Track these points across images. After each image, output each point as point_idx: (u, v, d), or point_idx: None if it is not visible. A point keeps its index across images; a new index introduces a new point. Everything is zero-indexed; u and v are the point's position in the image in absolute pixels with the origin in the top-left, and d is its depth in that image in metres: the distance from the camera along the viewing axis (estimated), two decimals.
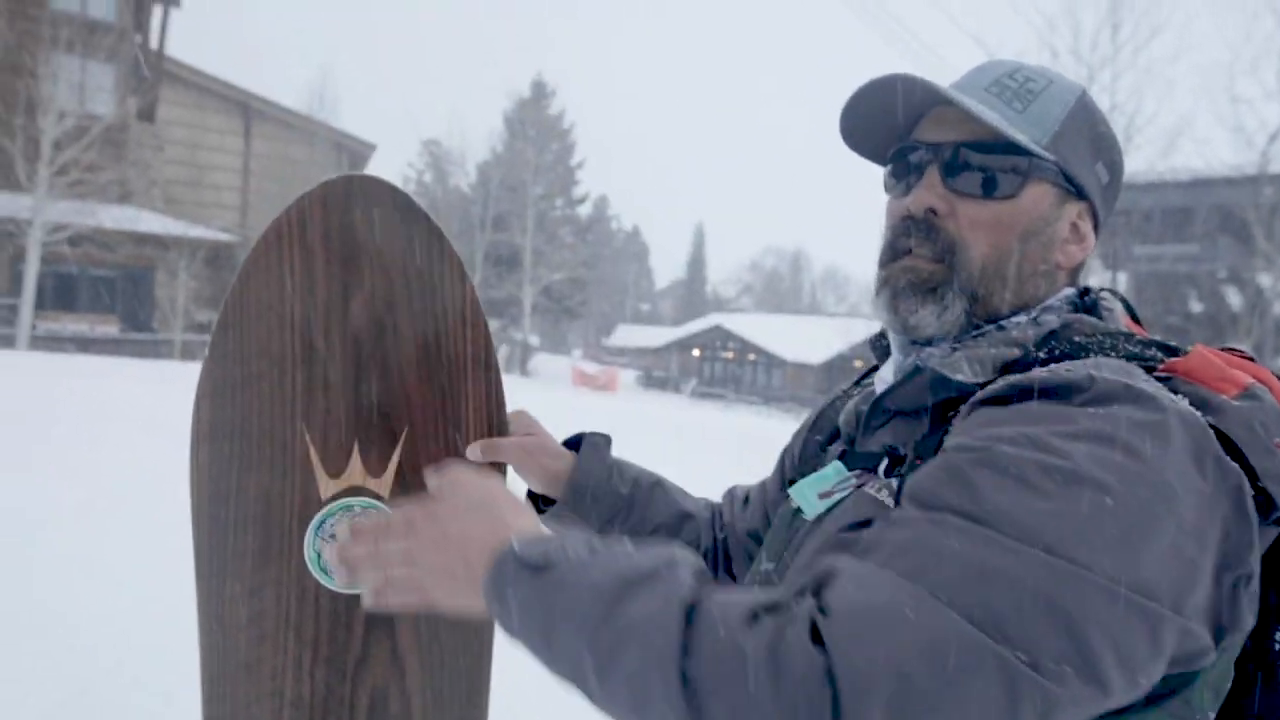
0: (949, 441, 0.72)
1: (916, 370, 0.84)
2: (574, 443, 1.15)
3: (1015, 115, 0.85)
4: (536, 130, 35.12)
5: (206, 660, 1.05)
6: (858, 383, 1.05)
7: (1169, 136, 22.06)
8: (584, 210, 40.54)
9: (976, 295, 0.85)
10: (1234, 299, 21.75)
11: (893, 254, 0.88)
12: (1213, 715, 0.72)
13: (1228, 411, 0.71)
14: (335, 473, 1.04)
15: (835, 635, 0.57)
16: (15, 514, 4.90)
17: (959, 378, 0.79)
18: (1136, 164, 21.34)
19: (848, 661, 0.55)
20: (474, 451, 1.06)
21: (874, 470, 0.86)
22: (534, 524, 0.75)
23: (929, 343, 0.88)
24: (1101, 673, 0.58)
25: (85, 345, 17.84)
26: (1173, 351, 0.79)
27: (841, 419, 0.96)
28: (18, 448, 6.38)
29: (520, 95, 37.30)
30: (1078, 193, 0.88)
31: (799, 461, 1.05)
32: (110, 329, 18.87)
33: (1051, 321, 0.85)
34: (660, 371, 40.81)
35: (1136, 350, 0.78)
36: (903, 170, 0.90)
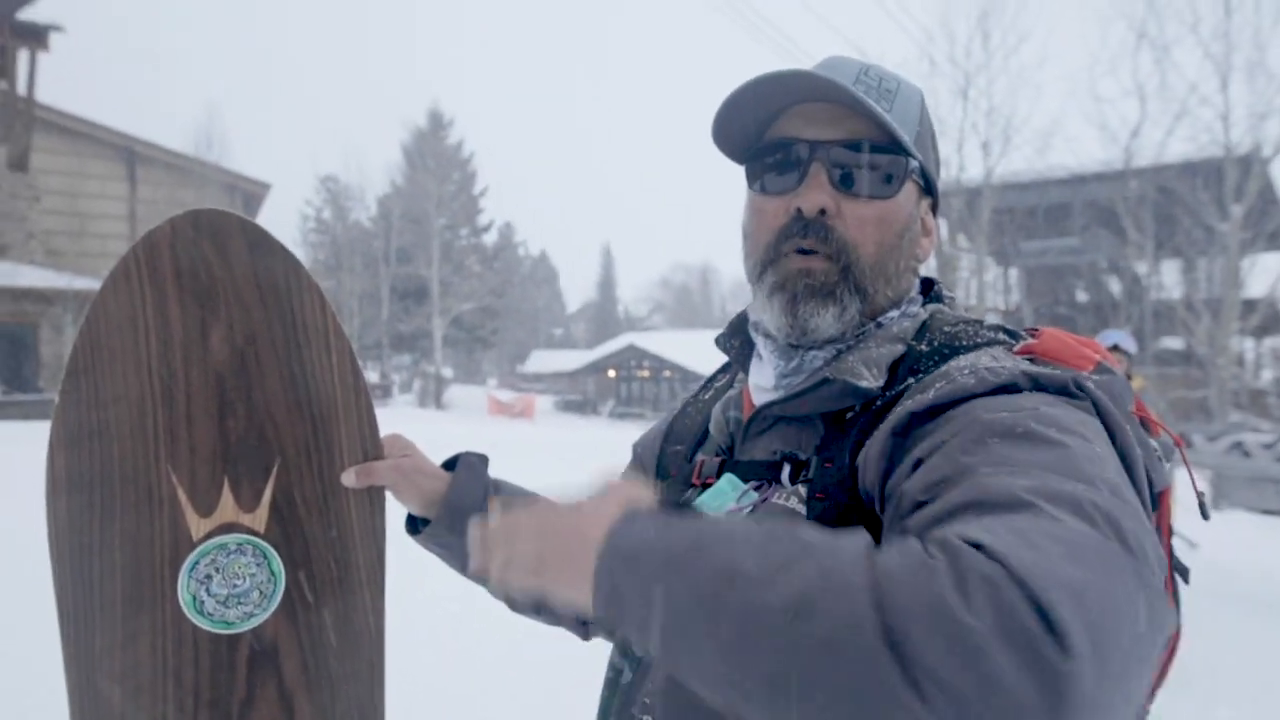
0: (918, 473, 0.68)
1: (825, 381, 0.82)
2: (451, 464, 1.14)
3: (887, 114, 0.85)
4: (436, 161, 34.74)
5: (78, 718, 1.01)
6: (706, 386, 1.06)
7: (1043, 137, 23.24)
8: (489, 238, 40.26)
9: (866, 294, 0.85)
10: (1115, 287, 22.98)
11: (775, 253, 0.87)
12: None
13: (1096, 385, 0.75)
14: (206, 511, 1.02)
15: (1000, 546, 0.51)
16: None
17: (864, 384, 0.80)
18: (1016, 163, 22.43)
19: (1019, 562, 0.50)
20: (349, 477, 1.05)
21: (774, 480, 0.83)
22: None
23: (813, 345, 0.87)
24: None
25: None
26: (1014, 334, 0.84)
27: (713, 426, 0.95)
28: None
29: (417, 126, 36.93)
30: (927, 188, 0.92)
31: (659, 475, 1.01)
32: None
33: (919, 314, 0.88)
34: (577, 395, 40.66)
35: (991, 335, 0.83)
36: (781, 166, 0.87)
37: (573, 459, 10.34)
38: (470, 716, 3.41)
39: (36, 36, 19.58)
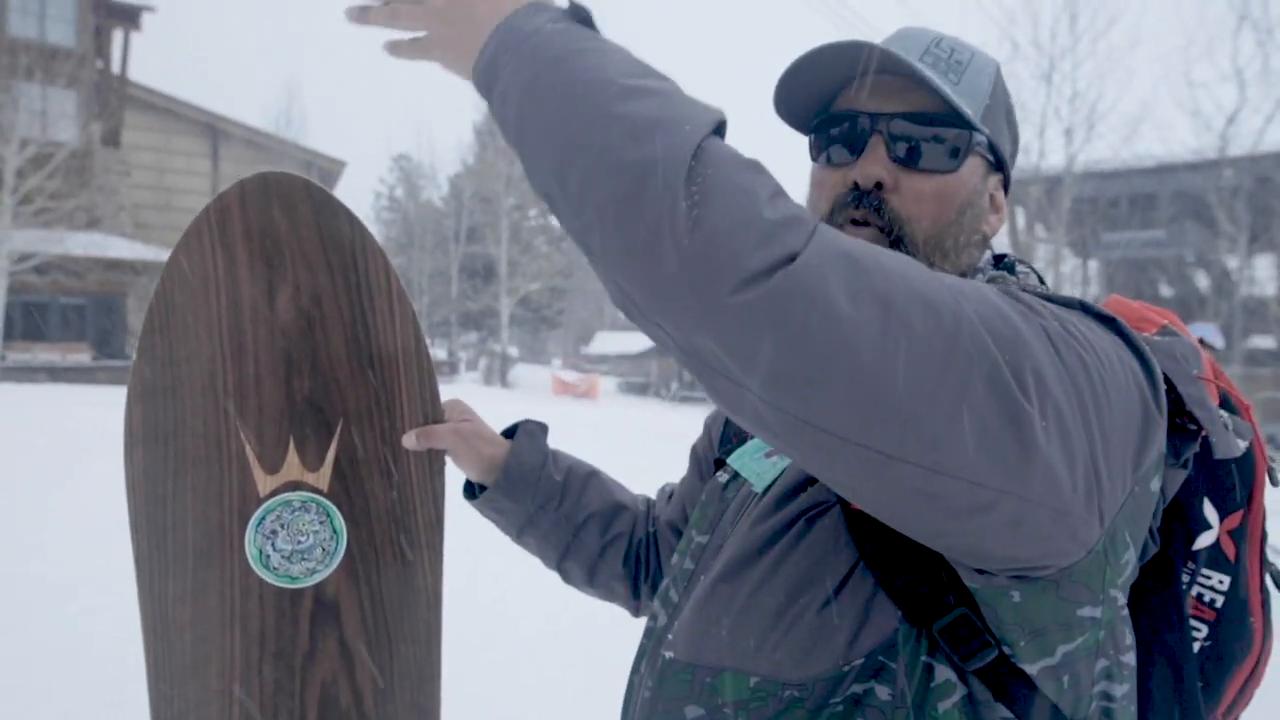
0: None
1: None
2: (511, 432, 1.16)
3: (952, 87, 0.84)
4: (496, 148, 35.05)
5: (152, 663, 1.06)
6: None
7: (1131, 124, 22.47)
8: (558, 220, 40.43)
9: None
10: (1202, 281, 22.05)
11: (832, 225, 0.85)
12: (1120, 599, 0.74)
13: (1152, 343, 0.73)
14: (272, 469, 1.05)
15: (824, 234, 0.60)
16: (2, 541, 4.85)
17: None
18: (1100, 151, 21.61)
19: (833, 235, 0.60)
20: (410, 439, 1.07)
21: None
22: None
23: None
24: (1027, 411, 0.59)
25: (57, 374, 17.60)
26: (1086, 306, 0.80)
27: None
28: None
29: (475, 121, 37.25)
30: (997, 164, 0.89)
31: (721, 444, 1.04)
32: (82, 357, 18.63)
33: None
34: (640, 377, 40.80)
35: (1060, 303, 0.79)
36: (841, 138, 0.87)
37: (635, 440, 10.40)
38: (510, 686, 3.47)
39: (129, 17, 20.34)
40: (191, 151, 23.66)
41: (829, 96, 0.89)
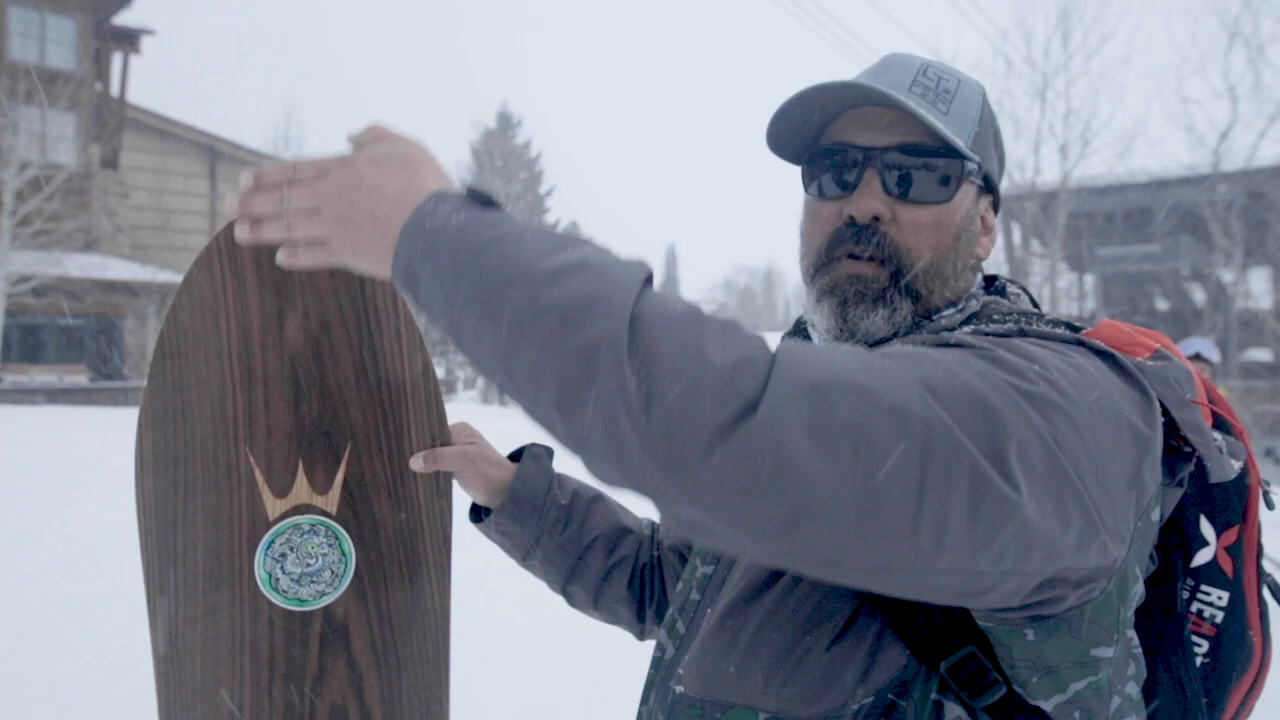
0: None
1: None
2: (517, 455, 1.17)
3: (942, 117, 0.85)
4: (504, 160, 35.22)
5: (162, 687, 1.06)
6: None
7: (1125, 139, 22.42)
8: None
9: (919, 295, 0.86)
10: (1198, 295, 22.11)
11: (828, 256, 0.88)
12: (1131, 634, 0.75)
13: (1145, 370, 0.74)
14: (281, 492, 1.06)
15: (786, 353, 0.59)
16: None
17: None
18: (1095, 167, 21.76)
19: (791, 364, 0.58)
20: (417, 462, 1.08)
21: None
22: (455, 186, 0.72)
23: (877, 342, 0.87)
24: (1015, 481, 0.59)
25: (55, 396, 17.58)
26: (1075, 329, 0.81)
27: None
28: None
29: (486, 126, 37.44)
30: (986, 186, 0.91)
31: None
32: (80, 378, 18.61)
33: (972, 306, 0.88)
34: None
35: (1048, 328, 0.80)
36: (834, 172, 0.88)
37: None
38: (516, 706, 3.45)
39: (129, 40, 20.47)
40: (189, 173, 23.73)
41: (819, 128, 0.90)
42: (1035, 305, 0.95)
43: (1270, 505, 0.85)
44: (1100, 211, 21.08)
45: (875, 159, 0.85)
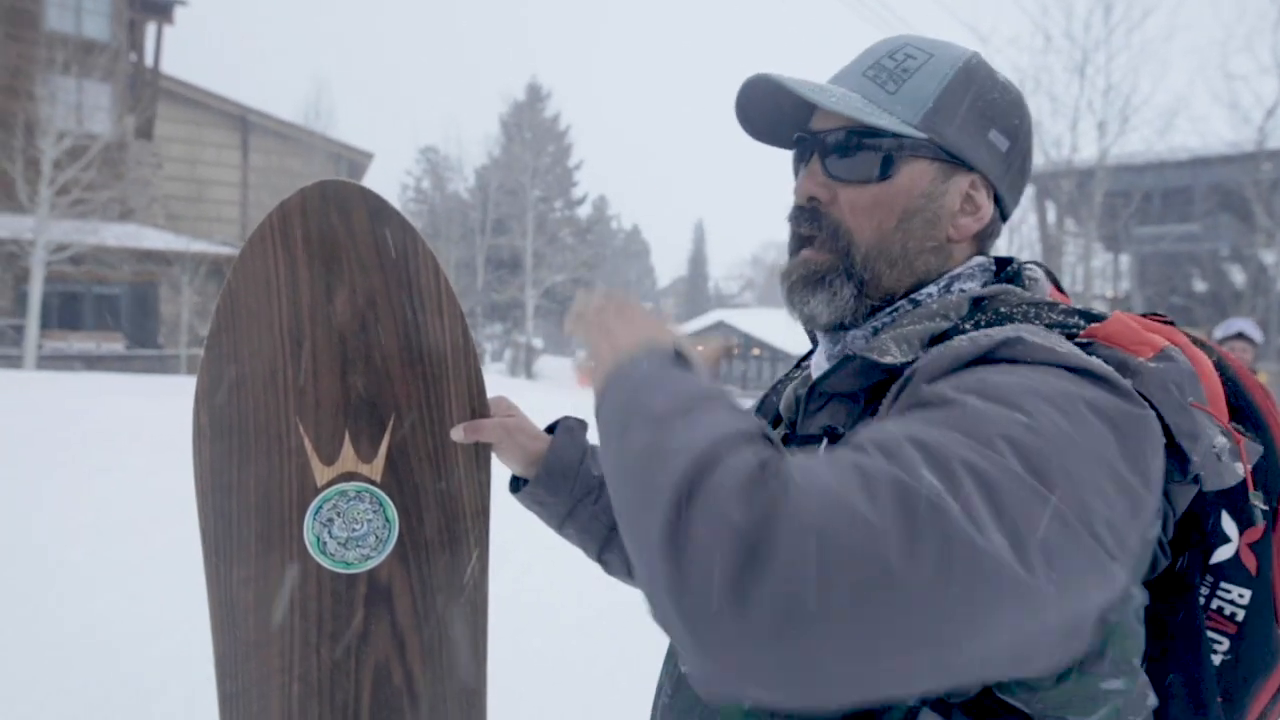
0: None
1: (846, 358, 0.83)
2: (553, 429, 1.21)
3: (887, 97, 0.86)
4: (533, 133, 35.15)
5: (218, 642, 1.12)
6: (798, 366, 1.07)
7: (1166, 116, 21.93)
8: (583, 211, 40.57)
9: (864, 279, 0.87)
10: (1237, 277, 21.69)
11: (796, 245, 0.91)
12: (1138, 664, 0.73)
13: (1143, 373, 0.73)
14: (329, 460, 1.11)
15: (794, 469, 0.58)
16: (32, 532, 4.98)
17: (887, 360, 0.79)
18: (1134, 144, 21.32)
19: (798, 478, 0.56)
20: (457, 433, 1.12)
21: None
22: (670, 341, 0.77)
23: (845, 327, 0.90)
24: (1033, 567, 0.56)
25: (92, 363, 17.96)
26: (1096, 319, 0.80)
27: (783, 404, 0.97)
28: (30, 467, 6.47)
29: (515, 99, 37.35)
30: (965, 165, 0.88)
31: None
32: (116, 346, 18.99)
33: (973, 290, 0.86)
34: None
35: (1060, 319, 0.79)
36: (796, 159, 0.93)
37: None
38: (549, 670, 3.53)
39: (162, 10, 20.62)
40: (222, 144, 23.98)
41: (804, 119, 0.92)
42: (1059, 287, 0.93)
43: None
44: (1138, 190, 20.68)
45: (816, 143, 0.89)
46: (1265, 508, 0.81)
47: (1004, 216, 0.93)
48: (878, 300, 0.88)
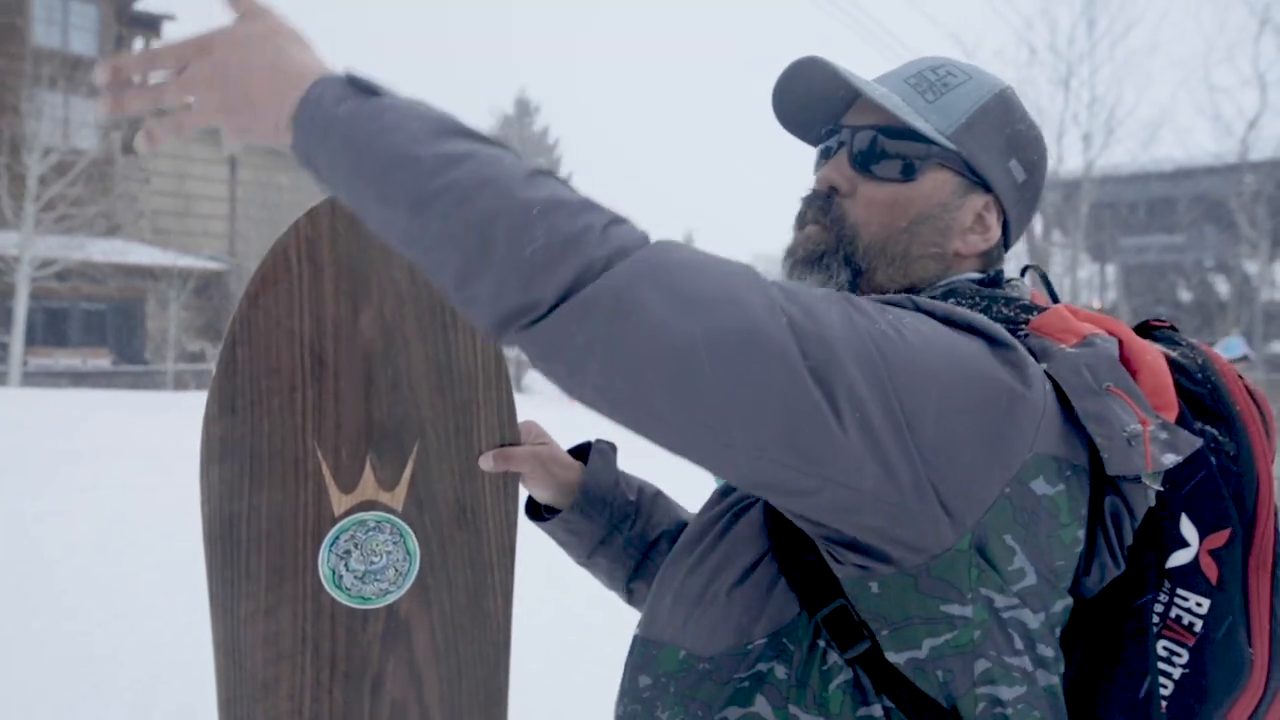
0: None
1: None
2: (576, 451, 1.15)
3: (925, 105, 0.87)
4: (522, 146, 35.18)
5: (223, 682, 1.05)
6: None
7: (1150, 128, 22.33)
8: None
9: (860, 269, 0.87)
10: (1221, 287, 21.89)
11: (799, 225, 0.92)
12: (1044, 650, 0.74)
13: (1056, 357, 0.75)
14: (348, 488, 1.04)
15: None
16: (21, 549, 4.88)
17: None
18: (1119, 156, 21.53)
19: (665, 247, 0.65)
20: (487, 461, 1.06)
21: None
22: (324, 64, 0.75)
23: None
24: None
25: (78, 379, 17.77)
26: (1037, 309, 0.83)
27: None
28: (17, 484, 6.35)
29: (504, 113, 37.42)
30: (985, 185, 0.89)
31: None
32: (103, 362, 18.81)
33: (937, 290, 0.87)
34: None
35: (1009, 313, 0.82)
36: (825, 151, 0.93)
37: (653, 447, 10.38)
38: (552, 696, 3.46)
39: (150, 25, 20.56)
40: (210, 159, 23.86)
41: (844, 112, 0.93)
42: (1054, 295, 0.94)
43: None
44: (1123, 201, 20.88)
45: (847, 135, 0.89)
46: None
47: (1006, 245, 0.93)
48: (868, 293, 0.86)
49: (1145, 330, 0.90)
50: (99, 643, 3.76)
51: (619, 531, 1.10)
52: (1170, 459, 0.74)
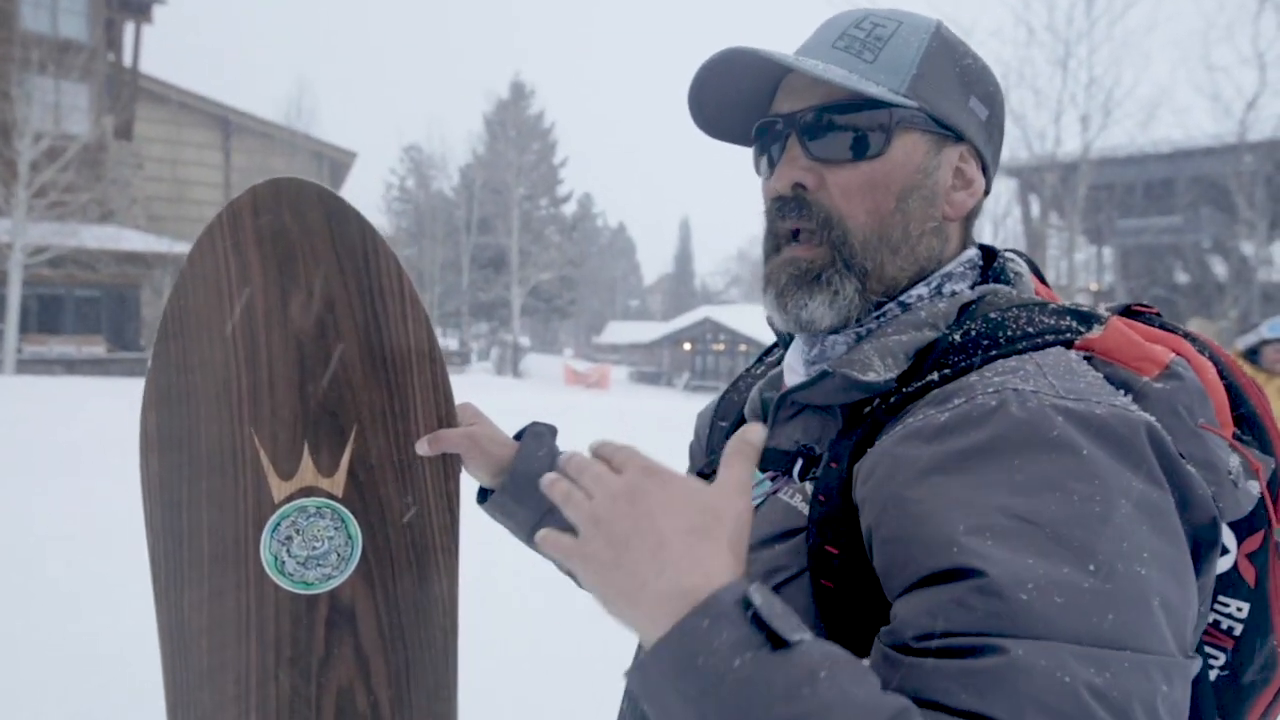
0: (881, 492, 0.64)
1: (825, 374, 0.75)
2: (521, 435, 1.14)
3: (867, 67, 0.78)
4: (517, 131, 35.02)
5: (168, 669, 1.05)
6: (760, 360, 1.01)
7: (1148, 108, 22.14)
8: (569, 209, 40.51)
9: (866, 270, 0.78)
10: (1219, 268, 21.84)
11: (775, 243, 0.82)
12: None
13: (1150, 396, 0.68)
14: (287, 475, 1.04)
15: None
16: (16, 540, 4.89)
17: (870, 378, 0.72)
18: (1117, 137, 21.43)
19: None
20: (422, 446, 1.05)
21: (788, 472, 0.78)
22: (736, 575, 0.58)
23: (831, 330, 0.81)
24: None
25: (73, 366, 17.77)
26: (1087, 319, 0.75)
27: (746, 408, 0.89)
28: (11, 473, 6.36)
29: (499, 97, 37.23)
30: (955, 135, 0.81)
31: (708, 451, 0.98)
32: (97, 349, 18.77)
33: (963, 294, 0.80)
34: (652, 367, 40.81)
35: (1052, 322, 0.74)
36: (765, 147, 0.83)
37: (647, 429, 10.39)
38: (520, 682, 3.47)
39: (140, 10, 20.38)
40: (203, 144, 23.75)
41: (766, 106, 0.84)
42: (1042, 279, 0.89)
43: None
44: (1121, 182, 20.80)
45: (795, 124, 0.79)
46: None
47: (986, 191, 0.86)
48: (881, 294, 0.79)
49: (1130, 314, 0.83)
50: (90, 633, 3.77)
51: (554, 514, 1.08)
52: (1255, 487, 0.72)
